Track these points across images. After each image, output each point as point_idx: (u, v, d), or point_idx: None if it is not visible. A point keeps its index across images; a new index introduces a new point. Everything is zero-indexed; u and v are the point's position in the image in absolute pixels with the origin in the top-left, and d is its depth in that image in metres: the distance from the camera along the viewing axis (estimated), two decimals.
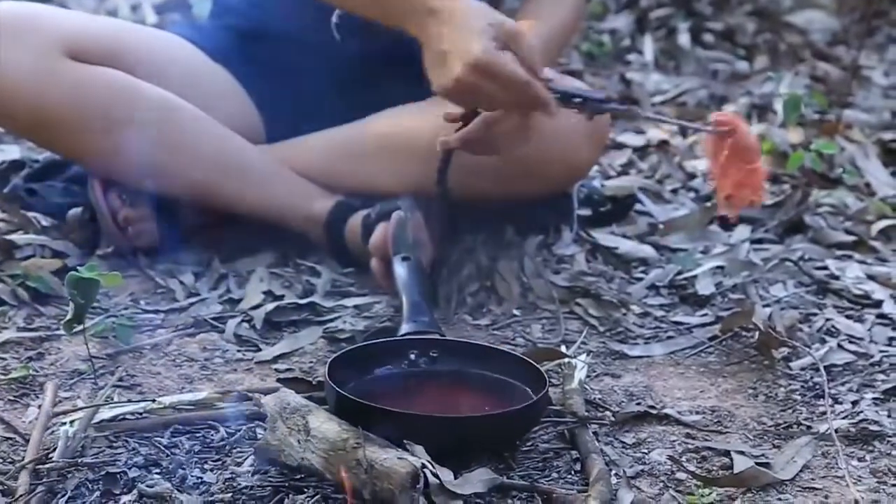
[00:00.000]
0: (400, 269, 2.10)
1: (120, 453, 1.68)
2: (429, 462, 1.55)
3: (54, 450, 1.66)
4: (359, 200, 2.31)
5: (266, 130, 2.44)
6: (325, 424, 1.60)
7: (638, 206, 2.68)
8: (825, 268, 2.43)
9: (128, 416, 1.77)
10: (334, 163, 2.36)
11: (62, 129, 2.24)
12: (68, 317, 1.92)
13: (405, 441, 1.59)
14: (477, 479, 1.59)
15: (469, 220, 2.34)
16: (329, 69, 2.38)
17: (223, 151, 2.33)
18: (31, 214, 2.37)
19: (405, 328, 1.97)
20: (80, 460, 1.64)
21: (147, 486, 1.58)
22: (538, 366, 1.83)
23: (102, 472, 1.62)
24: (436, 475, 1.52)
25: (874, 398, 1.94)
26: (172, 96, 2.30)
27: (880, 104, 3.46)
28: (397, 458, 1.53)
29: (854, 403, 1.92)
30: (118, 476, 1.61)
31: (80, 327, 1.93)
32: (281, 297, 2.21)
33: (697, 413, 1.89)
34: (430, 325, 1.97)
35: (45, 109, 2.22)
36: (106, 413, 1.76)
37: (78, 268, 1.91)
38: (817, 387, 1.97)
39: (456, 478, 1.56)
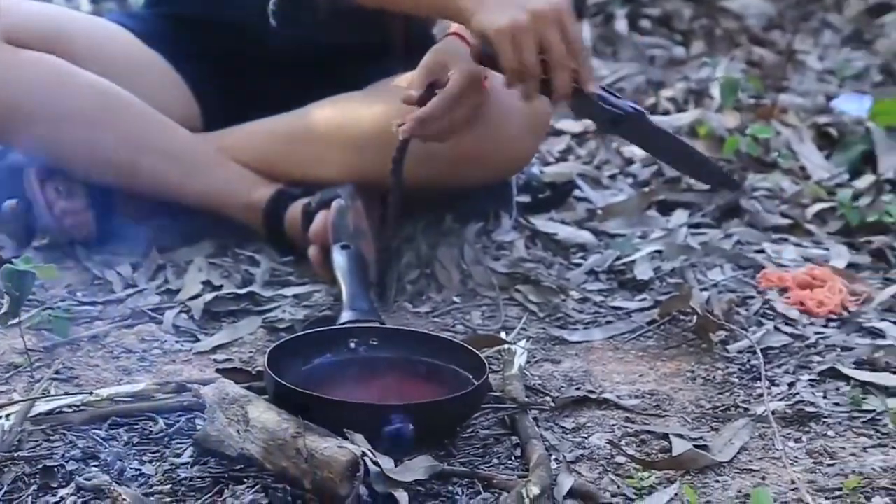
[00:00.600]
0: (339, 258, 2.09)
1: (57, 446, 1.67)
2: (369, 450, 1.54)
3: None
4: (299, 189, 2.30)
5: (203, 119, 2.43)
6: (265, 414, 1.60)
7: (576, 192, 2.69)
8: (762, 251, 2.45)
9: (65, 409, 1.76)
10: (274, 151, 2.35)
11: (6, 118, 2.22)
12: (3, 310, 1.90)
13: (345, 430, 1.59)
14: (417, 467, 1.58)
15: (409, 208, 2.34)
16: (267, 57, 2.37)
17: (161, 139, 2.32)
18: None
19: (345, 317, 1.96)
20: (16, 454, 1.63)
21: (85, 479, 1.56)
22: (478, 352, 1.83)
23: (39, 466, 1.60)
24: (376, 463, 1.52)
25: (810, 380, 1.96)
26: (110, 84, 2.29)
27: (815, 88, 3.49)
28: (337, 446, 1.53)
29: (790, 385, 1.94)
30: (55, 469, 1.60)
31: (16, 320, 1.91)
32: (220, 288, 2.20)
33: (636, 397, 1.90)
34: (370, 314, 1.97)
35: None
36: (42, 406, 1.74)
37: (13, 260, 1.89)
38: (754, 369, 1.98)
39: (396, 465, 1.56)
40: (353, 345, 1.88)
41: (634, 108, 2.01)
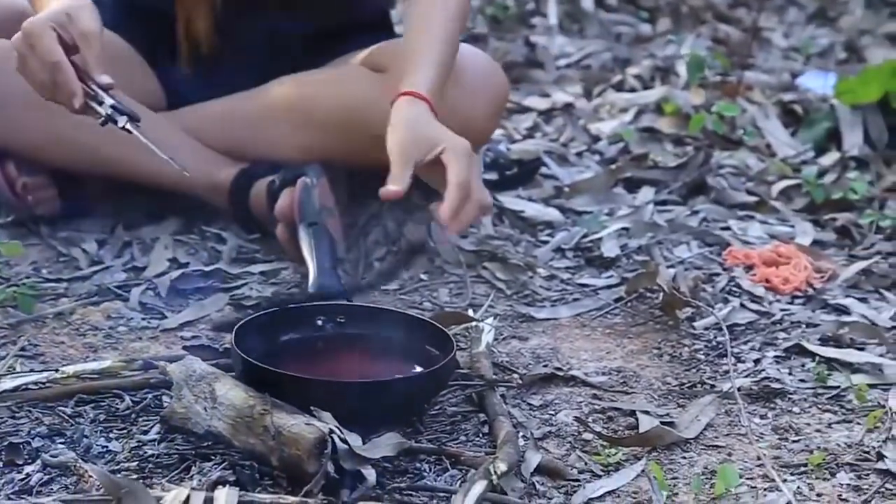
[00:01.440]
0: (306, 236, 2.08)
1: (23, 423, 1.66)
2: (336, 427, 1.54)
3: None
4: (264, 167, 2.29)
5: (167, 98, 2.41)
6: (232, 391, 1.59)
7: (543, 170, 2.69)
8: (728, 228, 2.46)
9: (31, 386, 1.75)
10: (236, 130, 2.34)
11: None
12: None
13: (312, 407, 1.59)
14: (385, 444, 1.58)
15: (375, 185, 2.34)
16: (223, 40, 2.35)
17: None
18: None
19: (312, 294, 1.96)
20: None
21: (51, 455, 1.56)
22: (445, 329, 1.83)
23: (5, 443, 1.60)
24: (344, 440, 1.52)
25: (776, 356, 1.97)
26: None
27: (780, 65, 3.51)
28: (305, 423, 1.53)
29: (756, 362, 1.95)
30: (21, 446, 1.59)
31: None
32: (186, 265, 2.19)
33: (603, 374, 1.90)
34: (336, 290, 1.97)
35: None
36: (8, 383, 1.74)
37: None
38: (720, 346, 1.99)
39: (364, 442, 1.56)
40: (320, 322, 1.88)
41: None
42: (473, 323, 1.97)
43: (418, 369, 1.77)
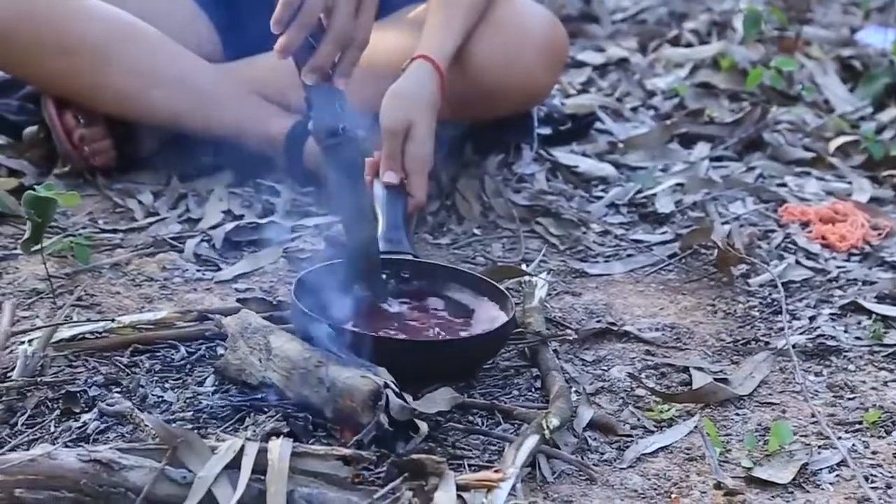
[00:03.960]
0: (378, 189, 2.05)
1: (80, 372, 1.68)
2: (391, 382, 1.54)
3: (13, 369, 1.64)
4: None
5: (224, 49, 2.41)
6: (288, 344, 1.60)
7: (598, 125, 2.68)
8: (784, 184, 2.44)
9: (87, 336, 1.76)
10: (292, 82, 2.33)
11: (16, 50, 2.22)
12: (26, 236, 1.90)
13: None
14: (439, 398, 1.59)
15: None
16: None
17: (179, 71, 2.30)
18: None
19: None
20: (39, 379, 1.64)
21: (107, 404, 1.57)
22: (505, 290, 1.81)
23: (62, 391, 1.61)
24: (398, 394, 1.52)
25: (831, 314, 1.96)
26: (127, 15, 2.27)
27: (839, 20, 3.46)
28: (360, 376, 1.53)
29: (811, 319, 1.94)
30: (78, 395, 1.61)
31: (38, 246, 1.91)
32: (241, 217, 2.20)
33: (657, 330, 1.90)
34: (404, 246, 1.94)
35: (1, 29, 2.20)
36: (65, 332, 1.75)
37: (35, 187, 1.89)
38: (775, 303, 1.98)
39: (417, 397, 1.56)
40: (384, 276, 1.84)
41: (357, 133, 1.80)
42: (526, 278, 1.97)
43: (478, 329, 1.76)
